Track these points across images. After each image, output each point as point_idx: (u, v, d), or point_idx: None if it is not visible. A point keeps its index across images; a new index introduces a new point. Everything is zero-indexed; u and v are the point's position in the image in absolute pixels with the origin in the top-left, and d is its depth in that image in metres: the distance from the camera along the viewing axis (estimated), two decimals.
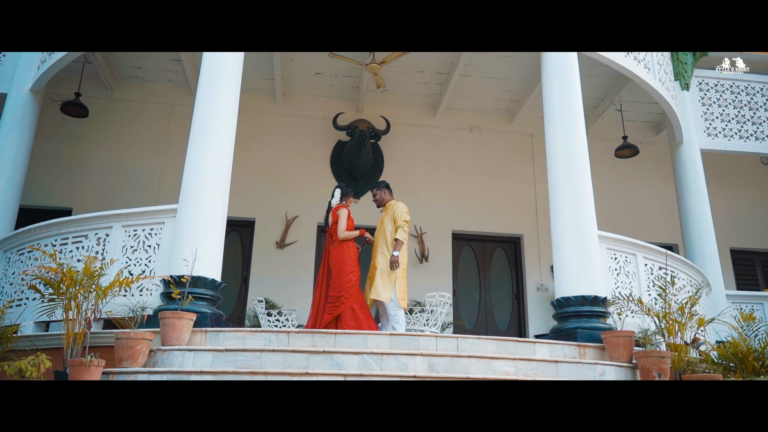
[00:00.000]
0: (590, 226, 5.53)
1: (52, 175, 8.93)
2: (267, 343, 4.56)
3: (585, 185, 5.65)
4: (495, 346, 4.76)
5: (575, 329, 5.15)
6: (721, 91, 8.57)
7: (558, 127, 5.89)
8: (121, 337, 4.18)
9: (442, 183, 9.89)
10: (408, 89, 9.68)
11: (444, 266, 9.50)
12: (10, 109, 6.86)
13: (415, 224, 9.51)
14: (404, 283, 6.06)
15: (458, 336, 4.75)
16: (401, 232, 5.99)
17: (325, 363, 4.23)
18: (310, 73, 9.34)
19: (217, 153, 5.26)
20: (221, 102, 5.40)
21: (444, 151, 10.09)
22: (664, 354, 4.68)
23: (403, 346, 4.60)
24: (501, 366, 4.40)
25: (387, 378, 3.99)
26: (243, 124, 9.68)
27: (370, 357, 4.27)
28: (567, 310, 5.35)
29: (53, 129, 9.10)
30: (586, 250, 5.42)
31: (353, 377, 3.93)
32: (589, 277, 5.35)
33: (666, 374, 4.67)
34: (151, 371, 4.01)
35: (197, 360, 4.25)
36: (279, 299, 8.62)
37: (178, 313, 4.44)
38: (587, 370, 4.59)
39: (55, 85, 9.01)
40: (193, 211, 5.07)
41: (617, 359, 4.86)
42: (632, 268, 5.82)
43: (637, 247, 5.89)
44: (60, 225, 5.51)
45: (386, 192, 6.50)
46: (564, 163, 5.73)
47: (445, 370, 4.30)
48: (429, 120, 10.14)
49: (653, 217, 9.96)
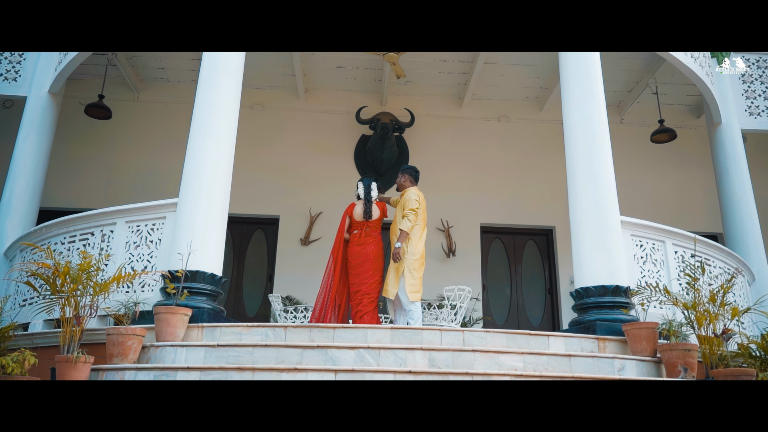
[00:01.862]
0: (611, 211, 5.16)
1: (78, 178, 9.05)
2: (264, 339, 4.40)
3: (605, 167, 5.28)
4: (505, 340, 4.48)
5: (595, 321, 4.81)
6: (764, 67, 7.99)
7: (575, 104, 5.55)
8: (111, 333, 4.09)
9: (470, 175, 9.58)
10: (432, 80, 9.42)
11: (472, 261, 9.19)
12: (29, 111, 6.95)
13: (442, 218, 9.25)
14: (417, 276, 5.78)
15: (464, 330, 4.49)
16: (406, 222, 5.71)
17: (319, 358, 4.04)
18: (331, 66, 9.18)
19: (216, 147, 5.16)
20: (221, 96, 5.33)
21: (471, 142, 9.78)
22: (690, 347, 4.30)
23: (405, 341, 4.37)
24: (508, 361, 4.12)
25: (383, 374, 3.77)
26: (265, 120, 9.72)
27: (367, 352, 4.06)
28: (586, 301, 5.01)
29: (79, 132, 9.23)
30: (606, 237, 5.06)
31: (345, 373, 3.72)
32: (611, 265, 4.99)
33: (693, 369, 4.29)
34: (138, 367, 3.90)
35: (189, 356, 4.12)
36: (304, 297, 8.46)
37: (172, 309, 4.33)
38: (604, 365, 4.26)
39: (81, 89, 9.17)
40: (192, 205, 4.97)
41: (640, 353, 4.51)
42: (660, 255, 5.42)
43: (665, 233, 5.48)
44: (68, 223, 5.50)
45: (407, 177, 6.15)
46: (582, 143, 5.38)
47: (447, 365, 4.05)
48: (455, 111, 9.86)
49: (694, 205, 9.40)
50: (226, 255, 9.22)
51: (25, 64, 7.22)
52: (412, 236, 5.83)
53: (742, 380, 4.12)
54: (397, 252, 5.68)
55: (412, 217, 5.76)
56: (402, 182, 6.15)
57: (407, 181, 6.15)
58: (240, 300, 9.10)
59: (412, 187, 6.08)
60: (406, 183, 6.14)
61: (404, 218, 5.76)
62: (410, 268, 5.75)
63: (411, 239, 5.83)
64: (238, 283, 9.17)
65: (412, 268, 5.76)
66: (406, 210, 5.79)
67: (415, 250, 5.81)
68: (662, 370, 4.41)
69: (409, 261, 5.76)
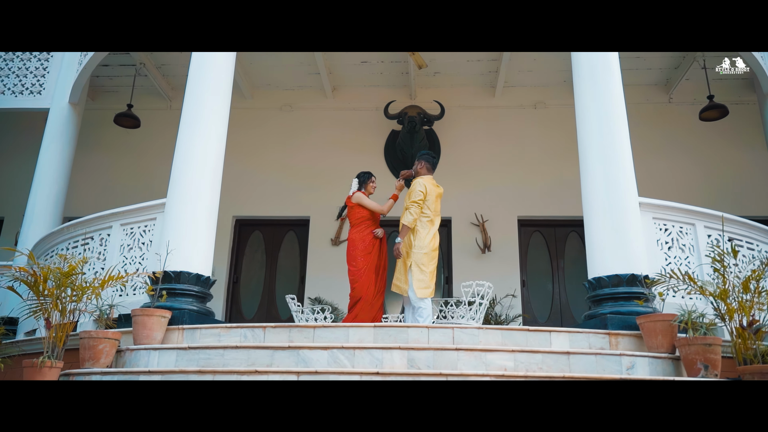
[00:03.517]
0: (627, 192, 4.66)
1: (109, 187, 9.22)
2: (242, 340, 4.20)
3: (619, 145, 4.78)
4: (500, 337, 4.08)
5: (606, 315, 4.33)
6: None
7: (586, 76, 5.07)
8: (83, 337, 4.00)
9: (505, 166, 9.11)
10: (461, 69, 9.02)
11: (510, 256, 8.71)
12: (51, 122, 7.09)
13: (476, 212, 8.84)
14: (426, 271, 5.40)
15: (455, 326, 4.12)
16: (407, 216, 5.36)
17: (290, 360, 3.80)
18: (356, 62, 8.97)
19: (204, 146, 5.05)
20: (209, 95, 5.23)
21: (506, 132, 9.30)
22: (711, 341, 3.76)
23: (389, 339, 4.05)
24: (496, 360, 3.73)
25: (355, 376, 3.48)
26: (294, 121, 9.61)
27: (341, 352, 3.77)
28: (599, 292, 4.53)
29: (112, 142, 9.42)
30: (621, 221, 4.56)
31: (307, 375, 3.45)
32: (626, 252, 4.49)
33: (716, 366, 3.75)
34: (104, 371, 3.78)
35: (162, 359, 3.97)
36: (335, 297, 8.25)
37: (148, 311, 4.21)
38: (610, 364, 3.79)
39: (116, 100, 9.38)
40: (178, 205, 4.85)
41: (656, 348, 4.00)
42: (689, 240, 4.85)
43: (694, 215, 4.89)
44: (70, 228, 5.52)
45: (423, 165, 5.75)
46: (594, 120, 4.90)
47: (428, 365, 3.70)
48: (488, 100, 9.41)
49: (751, 187, 8.53)
50: (259, 258, 9.30)
51: (48, 77, 7.39)
52: (420, 229, 5.49)
53: None
54: (397, 248, 5.37)
55: (414, 209, 5.41)
56: (419, 169, 5.79)
57: (423, 168, 5.79)
58: (273, 303, 9.00)
59: (423, 176, 5.74)
60: (422, 170, 5.78)
61: (405, 211, 5.43)
62: (418, 262, 5.40)
63: (419, 232, 5.48)
64: (270, 286, 9.09)
65: (420, 262, 5.41)
66: (408, 202, 5.46)
67: (423, 244, 5.46)
68: (682, 369, 3.89)
69: (417, 255, 5.41)
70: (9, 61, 7.40)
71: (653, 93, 9.20)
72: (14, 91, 7.29)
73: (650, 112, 9.06)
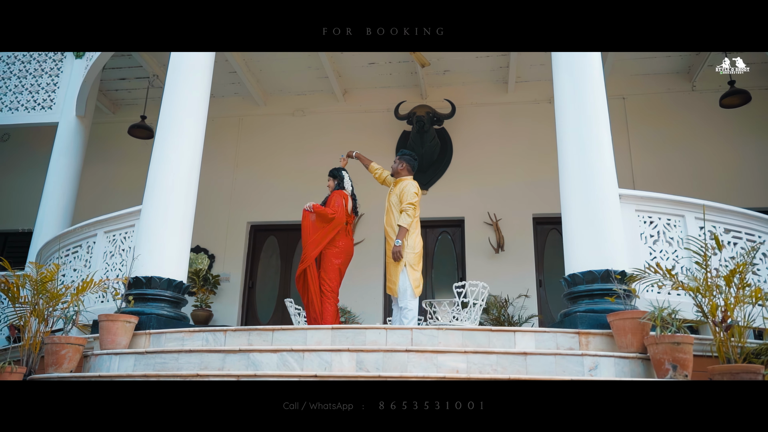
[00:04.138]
0: (604, 184, 4.41)
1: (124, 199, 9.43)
2: (204, 343, 4.19)
3: (597, 131, 4.52)
4: (460, 338, 3.92)
5: (576, 313, 4.11)
6: None
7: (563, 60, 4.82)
8: (47, 342, 4.07)
9: (520, 164, 8.86)
10: (470, 66, 8.85)
11: (525, 255, 8.45)
12: (59, 136, 7.32)
13: (489, 211, 8.62)
14: (418, 270, 5.34)
15: (413, 328, 3.98)
16: (405, 217, 5.28)
17: (241, 363, 3.75)
18: (363, 64, 8.92)
19: (179, 155, 5.08)
20: (183, 100, 5.26)
21: (520, 128, 9.05)
22: (679, 339, 3.50)
23: (346, 341, 3.96)
24: (448, 362, 3.58)
25: (294, 378, 3.41)
26: (307, 126, 9.63)
27: (290, 355, 3.70)
28: (574, 290, 4.30)
29: (128, 154, 9.65)
30: (597, 214, 4.32)
31: (246, 378, 3.40)
32: (602, 247, 4.24)
33: (685, 366, 3.49)
34: (60, 376, 3.83)
35: (122, 364, 4.01)
36: (347, 300, 8.16)
37: (112, 316, 4.25)
38: (571, 365, 3.58)
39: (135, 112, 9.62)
40: (153, 211, 4.90)
41: (625, 348, 3.75)
42: (678, 233, 4.55)
43: (683, 206, 4.58)
44: (61, 238, 5.67)
45: (405, 165, 5.68)
46: (570, 106, 4.66)
47: (376, 368, 3.59)
48: (501, 97, 9.20)
49: None
50: (274, 263, 9.35)
51: (58, 92, 7.63)
52: (410, 230, 5.41)
53: (743, 380, 3.29)
54: (398, 250, 5.27)
55: (412, 211, 5.34)
56: (399, 169, 5.71)
57: (404, 169, 5.71)
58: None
59: (409, 178, 5.64)
60: (402, 171, 5.70)
61: (402, 213, 5.34)
62: (410, 263, 5.34)
63: (410, 233, 5.40)
64: (285, 291, 9.11)
65: (412, 263, 5.35)
66: (404, 204, 5.36)
67: (414, 244, 5.39)
68: (652, 369, 3.64)
69: (408, 256, 5.34)
70: (22, 78, 7.69)
71: (675, 81, 8.77)
72: (27, 107, 7.57)
73: (672, 101, 8.66)
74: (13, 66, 7.75)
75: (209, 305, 8.70)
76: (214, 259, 9.15)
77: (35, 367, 4.31)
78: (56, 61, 7.69)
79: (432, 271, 8.84)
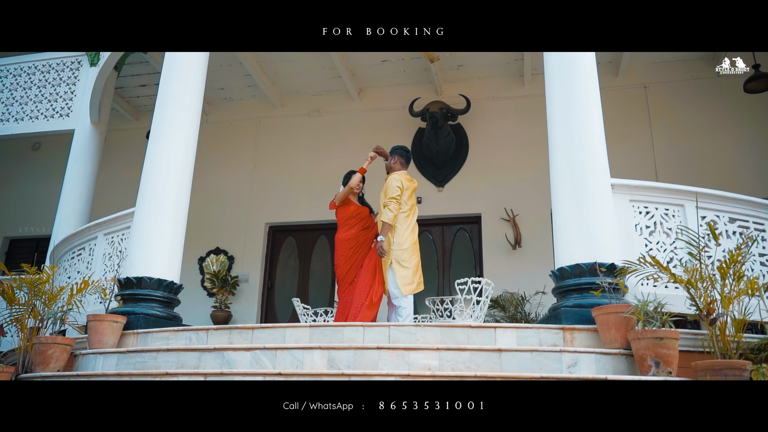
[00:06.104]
0: (594, 173, 4.23)
1: None
2: (187, 342, 4.20)
3: (586, 120, 4.35)
4: (439, 335, 3.81)
5: (562, 308, 3.95)
6: None
7: None
8: (35, 342, 4.16)
9: (537, 157, 8.55)
10: (484, 60, 8.68)
11: (544, 251, 8.20)
12: (75, 142, 7.50)
13: (506, 207, 8.44)
14: (409, 266, 5.24)
15: (391, 324, 3.90)
16: (387, 213, 5.21)
17: (216, 362, 3.75)
18: (376, 62, 8.86)
19: (171, 151, 5.14)
20: (175, 100, 5.32)
21: (537, 121, 8.68)
22: (662, 334, 3.31)
23: (324, 339, 3.91)
24: (420, 359, 3.48)
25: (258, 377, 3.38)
26: (323, 126, 9.63)
27: (263, 353, 3.68)
28: (562, 284, 4.14)
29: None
30: (586, 204, 4.15)
31: (214, 377, 3.39)
32: (592, 239, 4.07)
33: (669, 363, 3.30)
34: (44, 375, 3.91)
35: (106, 363, 4.06)
36: None
37: (99, 316, 4.31)
38: (549, 361, 3.44)
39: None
40: (144, 213, 4.95)
41: (609, 344, 3.58)
42: (677, 223, 4.32)
43: (683, 195, 4.34)
44: (66, 242, 5.80)
45: (397, 160, 5.64)
46: (559, 92, 4.50)
47: (348, 365, 3.53)
48: (518, 90, 8.99)
49: None
50: (293, 264, 9.37)
51: (75, 100, 7.83)
52: (397, 225, 5.34)
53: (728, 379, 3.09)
54: (380, 246, 5.20)
55: (393, 206, 5.25)
56: (392, 164, 5.68)
57: (397, 163, 5.67)
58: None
59: (397, 171, 5.57)
60: (396, 165, 5.67)
61: (384, 208, 5.27)
62: (398, 259, 5.26)
63: (397, 229, 5.33)
64: (303, 291, 9.11)
65: (400, 259, 5.26)
66: (386, 199, 5.29)
67: (401, 240, 5.30)
68: (636, 366, 3.46)
69: (396, 252, 5.27)
70: (42, 87, 7.92)
71: (700, 67, 8.41)
72: (46, 115, 7.79)
73: (696, 88, 8.31)
74: (33, 76, 7.99)
75: (228, 306, 8.79)
76: (233, 260, 9.24)
77: (31, 367, 4.41)
78: (73, 69, 7.89)
79: (449, 269, 8.71)
